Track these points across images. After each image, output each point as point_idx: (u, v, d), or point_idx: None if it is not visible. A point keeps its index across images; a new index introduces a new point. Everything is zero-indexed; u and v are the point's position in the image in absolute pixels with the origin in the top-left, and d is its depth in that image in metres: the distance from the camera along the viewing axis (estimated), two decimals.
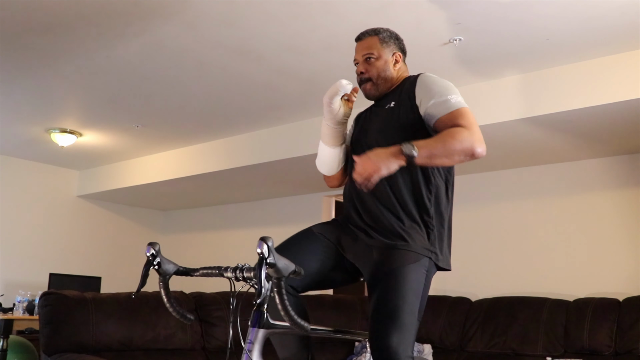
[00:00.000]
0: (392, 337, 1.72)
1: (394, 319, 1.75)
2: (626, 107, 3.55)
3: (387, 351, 1.71)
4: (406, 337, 1.74)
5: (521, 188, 4.99)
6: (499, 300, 4.35)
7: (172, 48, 3.70)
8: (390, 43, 2.10)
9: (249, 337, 1.56)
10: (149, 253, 1.57)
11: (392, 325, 1.75)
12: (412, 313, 1.78)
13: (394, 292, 1.79)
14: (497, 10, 3.09)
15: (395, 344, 1.71)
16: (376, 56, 2.07)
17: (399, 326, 1.74)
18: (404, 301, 1.78)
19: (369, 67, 2.07)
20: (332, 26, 3.34)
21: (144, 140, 5.87)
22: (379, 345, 1.74)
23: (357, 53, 2.13)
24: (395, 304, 1.77)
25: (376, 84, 2.06)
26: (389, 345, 1.71)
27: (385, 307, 1.78)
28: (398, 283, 1.80)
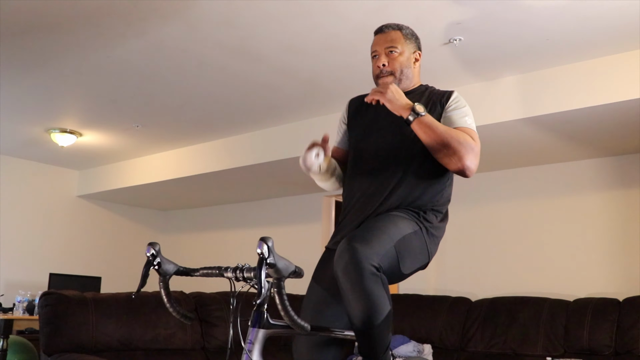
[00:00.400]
0: (357, 241, 1.66)
1: (365, 230, 1.73)
2: (626, 107, 3.55)
3: (349, 252, 1.63)
4: (373, 246, 1.66)
5: (521, 188, 4.99)
6: (499, 300, 4.35)
7: (172, 48, 3.70)
8: (412, 40, 2.06)
9: (249, 337, 1.56)
10: (149, 253, 1.57)
11: (362, 233, 1.71)
12: (387, 233, 1.72)
13: (373, 221, 1.80)
14: (497, 10, 3.09)
15: (360, 246, 1.63)
16: (400, 51, 2.01)
17: (369, 236, 1.69)
18: (383, 225, 1.75)
19: (392, 61, 2.00)
20: (332, 26, 3.34)
21: (144, 140, 5.87)
22: (342, 248, 1.66)
23: (378, 45, 2.03)
24: (372, 224, 1.77)
25: (398, 79, 2.01)
26: (352, 246, 1.64)
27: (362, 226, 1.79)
28: (381, 216, 1.81)
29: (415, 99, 1.99)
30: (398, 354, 4.09)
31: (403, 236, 1.76)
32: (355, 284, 1.61)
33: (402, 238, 1.75)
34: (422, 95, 2.03)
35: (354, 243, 1.64)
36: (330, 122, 4.83)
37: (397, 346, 4.19)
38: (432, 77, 3.78)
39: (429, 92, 2.04)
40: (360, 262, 1.61)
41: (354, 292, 1.62)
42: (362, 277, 1.60)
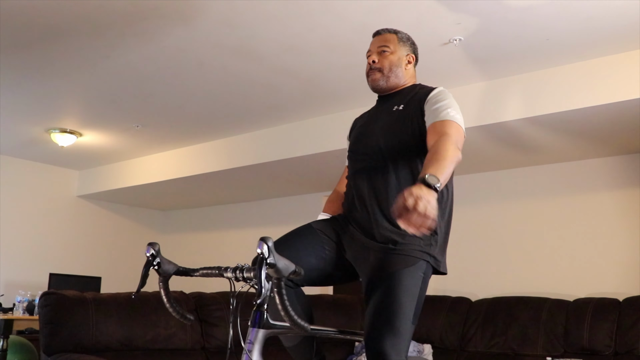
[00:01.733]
0: (386, 342, 1.73)
1: (389, 324, 1.76)
2: (626, 107, 3.55)
3: (381, 356, 1.73)
4: (400, 342, 1.75)
5: (521, 188, 4.99)
6: (499, 300, 4.35)
7: (172, 48, 3.70)
8: (407, 44, 2.14)
9: (249, 337, 1.56)
10: (149, 253, 1.57)
11: (387, 329, 1.75)
12: (407, 317, 1.78)
13: (389, 297, 1.79)
14: (497, 10, 3.09)
15: (389, 348, 1.73)
16: (391, 50, 2.09)
17: (394, 331, 1.75)
18: (399, 306, 1.78)
19: (382, 59, 2.08)
20: (332, 26, 3.34)
21: (144, 140, 5.87)
22: (374, 350, 1.75)
23: (372, 45, 2.14)
24: (390, 309, 1.78)
25: (386, 76, 2.07)
26: (382, 349, 1.73)
27: (380, 312, 1.79)
28: (394, 287, 1.80)
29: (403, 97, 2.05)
30: None
31: (417, 302, 1.81)
32: None
33: (417, 304, 1.81)
34: (409, 93, 2.06)
35: (383, 348, 1.72)
36: (330, 122, 4.84)
37: None
38: (432, 77, 3.79)
39: (417, 90, 2.06)
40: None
41: None
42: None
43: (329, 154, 4.76)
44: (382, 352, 1.73)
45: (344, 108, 4.59)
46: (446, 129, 1.82)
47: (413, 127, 1.94)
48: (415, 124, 1.94)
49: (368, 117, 2.15)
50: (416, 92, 2.05)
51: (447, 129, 1.82)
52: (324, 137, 4.79)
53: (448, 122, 1.85)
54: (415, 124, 1.94)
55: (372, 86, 2.11)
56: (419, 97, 2.00)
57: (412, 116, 1.96)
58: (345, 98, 4.40)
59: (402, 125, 1.96)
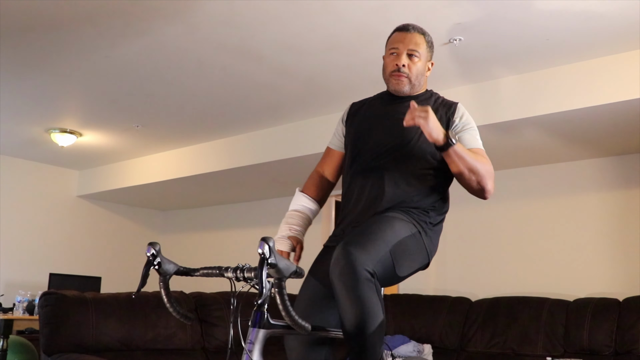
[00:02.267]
0: (352, 246, 1.66)
1: (361, 235, 1.72)
2: (626, 107, 3.55)
3: (344, 258, 1.63)
4: (369, 252, 1.66)
5: (521, 188, 4.99)
6: (499, 300, 4.35)
7: (172, 48, 3.70)
8: (431, 50, 2.08)
9: (249, 337, 1.56)
10: (149, 253, 1.57)
11: (358, 238, 1.70)
12: (383, 238, 1.72)
13: (370, 223, 1.79)
14: (497, 10, 3.09)
15: (355, 251, 1.64)
16: (420, 57, 2.01)
17: (364, 241, 1.68)
18: (379, 228, 1.74)
19: (412, 65, 2.00)
20: (332, 26, 3.34)
21: (144, 140, 5.87)
22: (338, 253, 1.66)
23: (401, 43, 2.01)
24: (368, 228, 1.75)
25: (412, 84, 2.02)
26: (348, 251, 1.64)
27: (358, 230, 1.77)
28: (379, 220, 1.80)
29: (422, 103, 1.99)
30: (398, 354, 4.09)
31: (399, 240, 1.76)
32: (349, 289, 1.61)
33: (399, 242, 1.75)
34: (427, 101, 2.04)
35: (349, 247, 1.64)
36: (330, 122, 4.83)
37: (397, 346, 4.19)
38: (432, 77, 3.77)
39: (434, 99, 2.06)
40: (356, 268, 1.61)
41: (348, 297, 1.62)
42: (357, 283, 1.60)
43: None
44: (347, 253, 1.63)
45: (344, 108, 4.58)
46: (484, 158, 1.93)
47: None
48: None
49: (376, 113, 2.08)
50: (434, 101, 2.04)
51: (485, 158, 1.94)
52: (324, 137, 4.74)
53: (481, 152, 1.94)
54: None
55: (396, 89, 2.03)
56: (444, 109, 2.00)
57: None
58: (345, 98, 4.39)
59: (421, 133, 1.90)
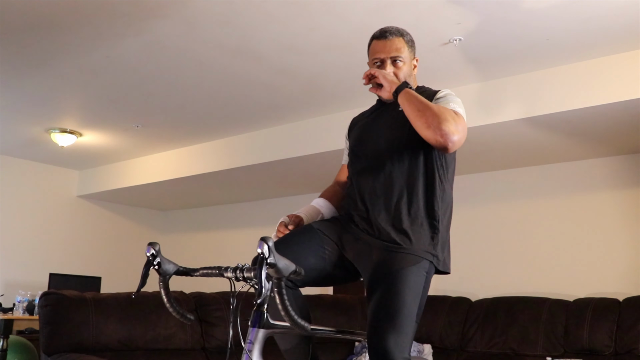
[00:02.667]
0: (390, 340, 1.73)
1: (391, 322, 1.76)
2: (626, 107, 3.55)
3: (384, 353, 1.72)
4: (403, 340, 1.75)
5: (521, 188, 4.99)
6: (499, 300, 4.35)
7: (172, 48, 3.70)
8: (412, 48, 2.07)
9: (249, 337, 1.56)
10: (149, 253, 1.57)
11: (390, 327, 1.75)
12: (411, 316, 1.78)
13: (392, 295, 1.80)
14: (497, 10, 3.09)
15: (392, 346, 1.72)
16: (404, 60, 2.01)
17: (397, 329, 1.75)
18: (403, 304, 1.78)
19: (397, 71, 2.00)
20: (332, 26, 3.34)
21: (144, 140, 5.87)
22: (377, 348, 1.75)
23: (382, 53, 2.00)
24: (393, 307, 1.78)
25: None
26: (385, 347, 1.72)
27: (384, 310, 1.79)
28: (397, 286, 1.80)
29: None
30: None
31: (420, 300, 1.82)
32: None
33: (420, 303, 1.82)
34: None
35: (386, 345, 1.72)
36: (330, 122, 4.84)
37: None
38: (432, 77, 3.79)
39: (421, 92, 2.06)
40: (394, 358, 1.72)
41: None
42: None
43: (329, 154, 4.75)
44: (385, 349, 1.72)
45: (344, 108, 4.59)
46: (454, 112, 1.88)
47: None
48: None
49: (370, 117, 2.13)
50: (422, 92, 2.04)
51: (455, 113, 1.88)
52: (324, 137, 4.79)
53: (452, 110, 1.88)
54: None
55: (386, 100, 2.02)
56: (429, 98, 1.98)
57: None
58: (345, 98, 4.40)
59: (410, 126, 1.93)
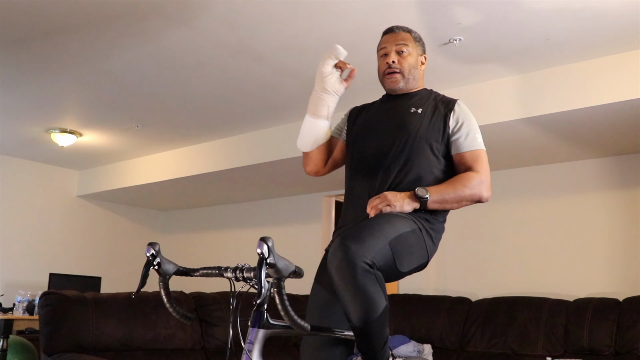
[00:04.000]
0: (349, 239, 1.64)
1: (359, 228, 1.70)
2: (626, 107, 3.55)
3: (341, 250, 1.62)
4: (366, 244, 1.63)
5: (521, 188, 4.99)
6: (499, 300, 4.35)
7: (172, 48, 3.70)
8: (420, 44, 2.11)
9: (248, 337, 1.56)
10: (149, 253, 1.57)
11: (356, 231, 1.68)
12: (382, 231, 1.70)
13: (369, 220, 1.78)
14: (497, 10, 3.09)
15: (352, 244, 1.62)
16: (409, 51, 2.05)
17: (362, 234, 1.66)
18: (377, 223, 1.73)
19: (402, 60, 2.04)
20: (332, 26, 3.34)
21: (144, 140, 5.87)
22: (335, 247, 1.65)
23: (388, 43, 2.06)
24: (367, 222, 1.75)
25: (406, 78, 2.04)
26: (345, 244, 1.62)
27: (357, 225, 1.76)
28: (377, 215, 1.80)
29: (420, 100, 2.03)
30: (398, 354, 4.09)
31: (399, 234, 1.75)
32: (348, 281, 1.61)
33: (398, 236, 1.74)
34: (426, 99, 2.06)
35: (346, 241, 1.64)
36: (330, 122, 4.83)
37: (397, 346, 4.19)
38: (432, 77, 3.79)
39: (433, 97, 2.07)
40: (353, 260, 1.60)
41: (348, 290, 1.61)
42: (355, 274, 1.59)
43: None
44: (345, 245, 1.61)
45: (344, 108, 4.57)
46: (478, 166, 1.92)
47: (433, 133, 1.95)
48: (436, 130, 1.96)
49: (377, 113, 2.11)
50: (434, 97, 2.06)
51: (479, 166, 1.92)
52: None
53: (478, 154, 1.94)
54: (436, 130, 1.96)
55: (391, 88, 2.06)
56: (441, 106, 2.00)
57: (433, 122, 1.97)
58: (345, 98, 4.38)
59: (420, 128, 1.95)
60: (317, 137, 2.10)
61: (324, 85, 2.01)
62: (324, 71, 2.00)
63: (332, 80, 2.02)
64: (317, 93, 2.05)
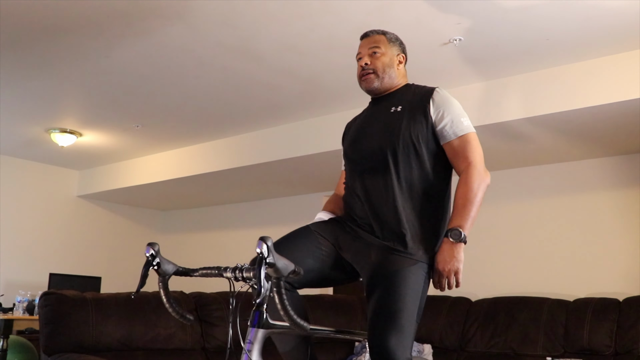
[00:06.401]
0: (391, 340, 1.73)
1: (392, 322, 1.76)
2: (626, 107, 3.55)
3: (385, 353, 1.72)
4: (405, 339, 1.75)
5: (521, 188, 4.99)
6: (499, 300, 4.35)
7: (172, 48, 3.70)
8: (396, 44, 2.14)
9: (248, 337, 1.56)
10: (149, 253, 1.57)
11: (391, 327, 1.75)
12: (411, 315, 1.79)
13: (392, 295, 1.80)
14: (497, 10, 3.09)
15: (394, 346, 1.72)
16: (382, 51, 2.08)
17: (398, 329, 1.75)
18: (403, 303, 1.78)
19: (374, 61, 2.08)
20: (332, 26, 3.34)
21: (144, 140, 5.87)
22: (378, 348, 1.75)
23: (362, 47, 2.13)
24: (394, 307, 1.78)
25: (380, 77, 2.06)
26: (387, 347, 1.72)
27: (384, 310, 1.79)
28: (397, 285, 1.81)
29: (399, 98, 2.05)
30: None
31: (420, 301, 1.83)
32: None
33: (420, 303, 1.83)
34: (405, 94, 2.07)
35: (387, 345, 1.72)
36: (330, 122, 4.84)
37: None
38: (432, 77, 3.80)
39: (412, 90, 2.08)
40: (396, 357, 1.72)
41: None
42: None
43: (328, 154, 4.75)
44: (387, 349, 1.72)
45: (344, 108, 4.59)
46: (469, 154, 1.92)
47: (415, 128, 1.94)
48: (418, 124, 1.95)
49: (363, 120, 2.15)
50: (412, 92, 2.06)
51: (470, 154, 1.92)
52: (324, 137, 4.79)
53: (466, 139, 1.93)
54: (418, 124, 1.95)
55: (367, 88, 2.10)
56: (419, 98, 2.00)
57: (413, 117, 1.96)
58: (345, 98, 4.39)
59: (402, 126, 1.95)
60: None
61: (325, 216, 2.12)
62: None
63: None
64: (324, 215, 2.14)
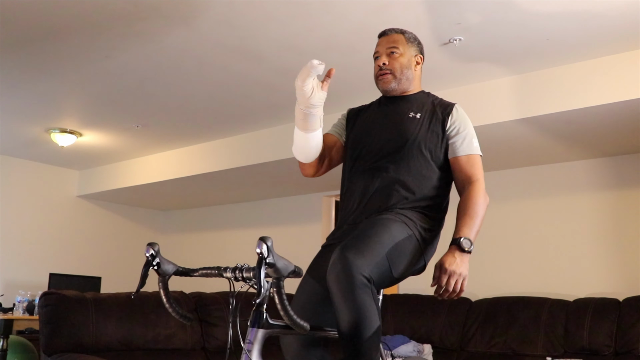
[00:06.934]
0: (350, 251, 1.65)
1: (357, 239, 1.71)
2: (626, 107, 3.55)
3: (341, 262, 1.63)
4: (366, 257, 1.65)
5: (521, 188, 4.99)
6: (499, 300, 4.35)
7: (172, 48, 3.70)
8: (414, 44, 2.10)
9: (248, 337, 1.56)
10: (149, 253, 1.57)
11: (355, 242, 1.70)
12: (380, 242, 1.72)
13: (367, 226, 1.79)
14: (496, 10, 3.09)
15: (352, 257, 1.63)
16: (401, 52, 2.05)
17: (362, 246, 1.68)
18: (375, 232, 1.74)
19: (392, 61, 2.04)
20: (331, 26, 3.34)
21: (144, 140, 5.87)
22: (335, 258, 1.66)
23: (380, 46, 2.08)
24: (365, 231, 1.75)
25: (398, 79, 2.04)
26: (345, 257, 1.63)
27: (355, 235, 1.76)
28: (375, 222, 1.80)
29: (418, 105, 2.04)
30: (398, 354, 4.09)
31: (396, 243, 1.76)
32: (345, 294, 1.61)
33: (395, 245, 1.76)
34: (425, 103, 2.05)
35: (346, 253, 1.65)
36: (330, 122, 4.82)
37: (397, 346, 4.19)
38: (432, 77, 3.79)
39: (431, 100, 2.07)
40: (352, 273, 1.61)
41: (344, 302, 1.62)
42: (353, 288, 1.61)
43: None
44: (344, 258, 1.63)
45: (344, 108, 4.56)
46: (474, 172, 1.95)
47: (432, 139, 1.96)
48: (434, 136, 1.96)
49: (374, 116, 2.11)
50: (432, 102, 2.05)
51: (475, 171, 1.95)
52: None
53: (474, 159, 1.96)
54: (434, 136, 1.96)
55: (384, 89, 2.07)
56: (440, 111, 2.01)
57: (430, 128, 1.97)
58: (345, 98, 4.39)
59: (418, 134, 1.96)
60: (314, 148, 2.08)
61: (310, 102, 1.95)
62: (306, 91, 1.93)
63: (316, 95, 1.96)
64: (305, 110, 1.97)
